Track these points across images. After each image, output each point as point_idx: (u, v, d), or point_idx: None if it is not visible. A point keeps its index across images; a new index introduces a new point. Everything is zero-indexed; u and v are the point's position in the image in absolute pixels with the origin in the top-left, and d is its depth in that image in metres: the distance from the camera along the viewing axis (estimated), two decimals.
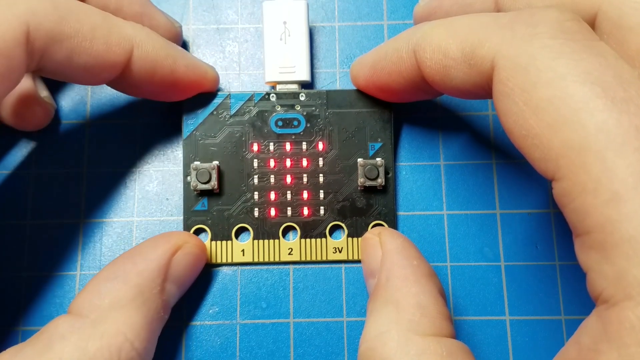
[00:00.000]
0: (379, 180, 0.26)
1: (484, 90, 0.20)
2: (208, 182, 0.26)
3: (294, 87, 0.27)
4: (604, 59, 0.17)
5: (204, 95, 0.26)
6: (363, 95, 0.27)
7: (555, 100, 0.16)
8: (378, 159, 0.26)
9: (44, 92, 0.27)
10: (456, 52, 0.20)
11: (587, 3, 0.20)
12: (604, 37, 0.20)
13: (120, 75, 0.23)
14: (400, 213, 0.27)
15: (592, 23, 0.20)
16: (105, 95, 0.28)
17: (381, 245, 0.24)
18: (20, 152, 0.28)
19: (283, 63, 0.27)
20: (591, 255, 0.16)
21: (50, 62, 0.21)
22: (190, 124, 0.26)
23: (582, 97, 0.16)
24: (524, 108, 0.17)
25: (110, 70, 0.23)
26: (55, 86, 0.28)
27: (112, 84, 0.24)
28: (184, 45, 0.29)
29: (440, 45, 0.21)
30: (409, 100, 0.27)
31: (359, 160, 0.26)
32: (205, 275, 0.26)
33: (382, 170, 0.26)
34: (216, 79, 0.27)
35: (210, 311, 0.26)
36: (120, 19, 0.23)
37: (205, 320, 0.26)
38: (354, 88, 0.27)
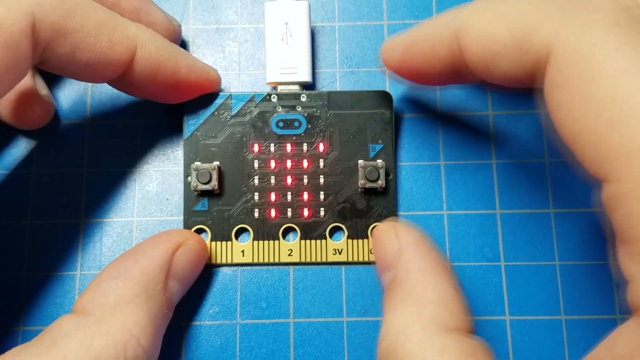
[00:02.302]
0: (380, 182, 0.26)
1: (533, 79, 0.19)
2: (208, 182, 0.26)
3: (295, 88, 0.27)
4: None
5: (205, 95, 0.26)
6: (364, 96, 0.26)
7: (618, 96, 0.15)
8: (379, 161, 0.26)
9: (43, 91, 0.27)
10: (506, 37, 0.18)
11: None
12: None
13: (123, 75, 0.23)
14: (401, 213, 0.27)
15: None
16: (106, 95, 0.28)
17: (398, 237, 0.23)
18: (20, 152, 0.27)
19: (284, 64, 0.27)
20: (638, 264, 0.15)
21: (53, 55, 0.21)
22: (191, 124, 0.26)
23: None
24: (580, 102, 0.16)
25: (113, 68, 0.23)
26: (56, 85, 0.28)
27: (114, 83, 0.24)
28: (184, 44, 0.29)
29: (487, 29, 0.19)
30: (442, 85, 0.26)
31: (360, 161, 0.26)
32: (205, 275, 0.26)
33: (382, 172, 0.26)
34: (218, 81, 0.27)
35: (210, 311, 0.26)
36: (126, 19, 0.23)
37: (205, 320, 0.26)
38: (355, 89, 0.27)
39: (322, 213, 0.26)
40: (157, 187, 0.27)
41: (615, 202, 0.16)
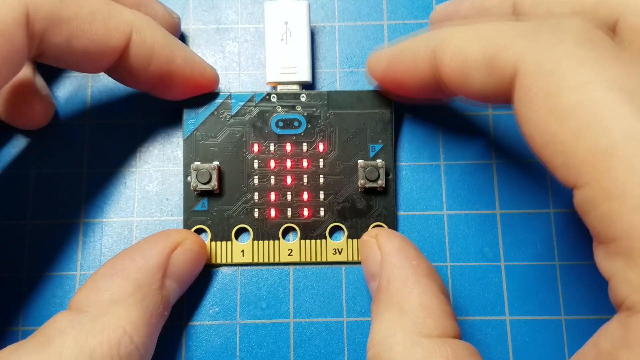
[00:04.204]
0: (380, 182, 0.26)
1: (504, 95, 0.19)
2: (208, 182, 0.25)
3: (295, 88, 0.27)
4: (629, 66, 0.17)
5: (205, 95, 0.26)
6: (364, 96, 0.26)
7: (581, 106, 0.16)
8: (378, 161, 0.26)
9: (44, 91, 0.27)
10: (477, 56, 0.20)
11: (608, 10, 0.20)
12: (624, 44, 0.19)
13: (117, 61, 0.23)
14: (401, 213, 0.27)
15: (613, 30, 0.20)
16: (106, 95, 0.28)
17: (379, 247, 0.24)
18: (20, 151, 0.27)
19: (284, 63, 0.27)
20: (616, 262, 0.16)
21: (50, 46, 0.21)
22: (190, 123, 0.26)
23: (609, 103, 0.16)
24: (547, 114, 0.17)
25: (110, 55, 0.23)
26: (56, 85, 0.28)
27: (110, 71, 0.24)
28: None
29: (462, 48, 0.20)
30: (422, 99, 0.27)
31: (360, 161, 0.26)
32: (205, 275, 0.26)
33: (382, 172, 0.26)
34: (215, 79, 0.26)
35: (210, 311, 0.26)
36: (121, 5, 0.23)
37: (205, 320, 0.26)
38: (355, 89, 0.27)
39: (322, 213, 0.26)
40: (157, 187, 0.27)
41: (587, 206, 0.16)
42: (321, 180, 0.26)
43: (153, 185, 0.27)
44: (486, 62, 0.19)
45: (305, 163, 0.26)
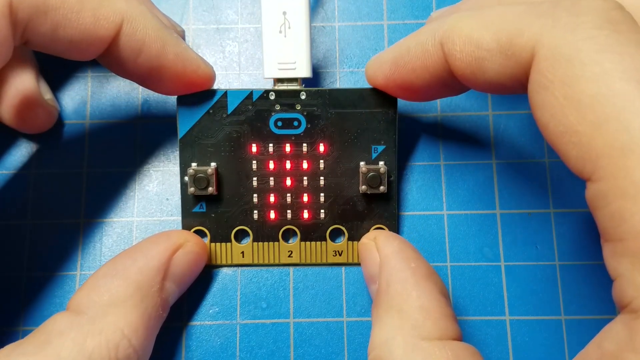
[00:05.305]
0: (382, 187, 0.25)
1: (519, 83, 0.19)
2: (206, 187, 0.25)
3: (295, 85, 0.26)
4: None
5: (201, 92, 0.25)
6: (367, 95, 0.25)
7: (600, 97, 0.16)
8: (380, 164, 0.25)
9: (47, 95, 0.26)
10: (491, 43, 0.19)
11: None
12: None
13: (106, 51, 0.22)
14: (401, 213, 0.27)
15: None
16: (105, 95, 0.28)
17: (378, 249, 0.23)
18: (20, 152, 0.27)
19: (283, 58, 0.25)
20: (623, 262, 0.16)
21: (35, 34, 0.20)
22: (185, 122, 0.25)
23: (628, 96, 0.15)
24: (564, 103, 0.16)
25: (98, 45, 0.22)
26: (56, 86, 0.28)
27: (100, 59, 0.23)
28: None
29: (472, 36, 0.19)
30: (431, 99, 0.26)
31: (361, 165, 0.25)
32: (205, 275, 0.26)
33: (384, 178, 0.25)
34: (210, 77, 0.25)
35: (210, 311, 0.26)
36: None
37: (205, 320, 0.26)
38: (357, 87, 0.26)
39: (322, 215, 0.26)
40: (157, 187, 0.27)
41: (599, 201, 0.16)
42: (321, 182, 0.26)
43: (153, 185, 0.27)
44: (500, 49, 0.18)
45: (305, 164, 0.26)
